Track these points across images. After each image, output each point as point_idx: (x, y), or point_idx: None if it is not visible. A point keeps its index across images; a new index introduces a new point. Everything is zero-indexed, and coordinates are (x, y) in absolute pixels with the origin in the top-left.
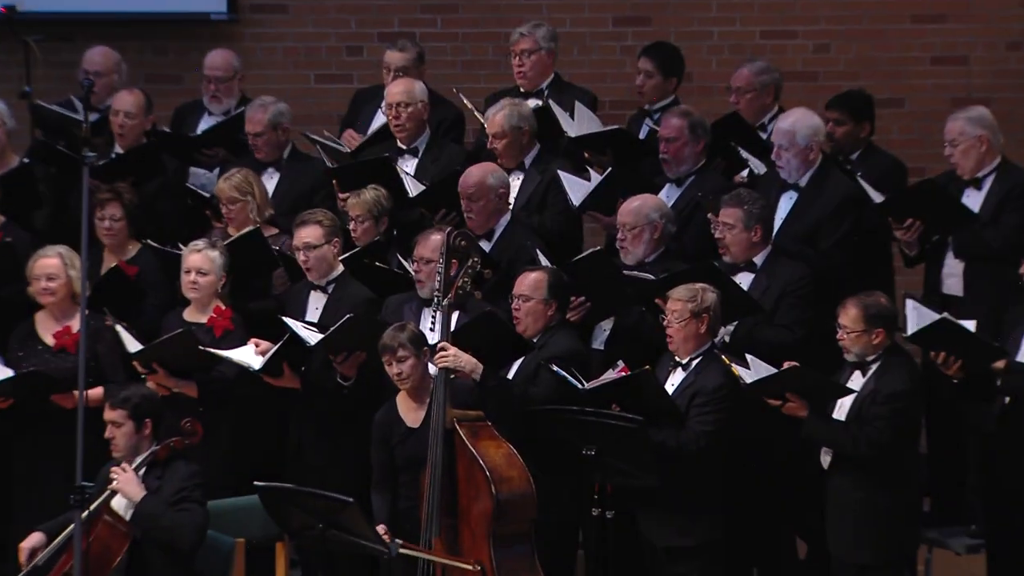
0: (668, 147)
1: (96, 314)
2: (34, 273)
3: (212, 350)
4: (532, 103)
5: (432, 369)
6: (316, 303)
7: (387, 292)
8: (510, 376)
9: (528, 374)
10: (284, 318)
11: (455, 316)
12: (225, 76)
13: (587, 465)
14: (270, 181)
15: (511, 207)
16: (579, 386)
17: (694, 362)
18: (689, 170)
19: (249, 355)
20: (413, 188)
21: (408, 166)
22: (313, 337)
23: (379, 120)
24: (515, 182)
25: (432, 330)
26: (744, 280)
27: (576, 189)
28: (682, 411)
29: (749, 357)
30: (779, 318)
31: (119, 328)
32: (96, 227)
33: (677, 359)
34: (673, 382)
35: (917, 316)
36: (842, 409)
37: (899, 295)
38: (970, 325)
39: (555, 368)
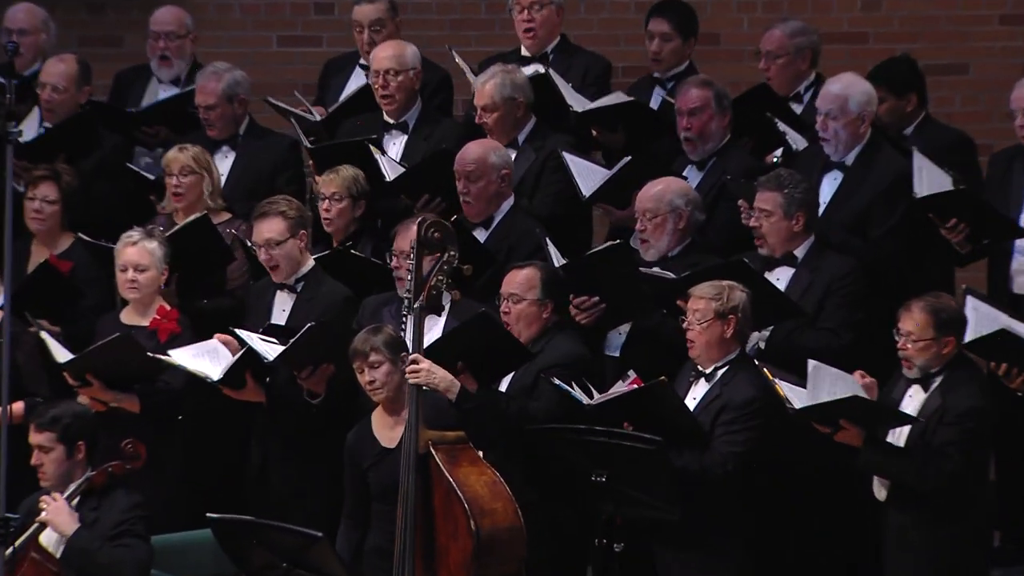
0: (692, 121)
1: (14, 318)
2: None
3: (161, 356)
4: (531, 70)
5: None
6: (283, 304)
7: (368, 289)
8: (503, 388)
9: (524, 386)
10: (238, 331)
11: (441, 321)
12: (177, 32)
13: (596, 493)
14: (224, 161)
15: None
16: (584, 401)
17: (719, 372)
18: (713, 148)
19: (206, 363)
20: (391, 172)
21: (395, 144)
22: (272, 350)
23: (354, 83)
24: None
25: (403, 332)
26: (783, 276)
27: (586, 176)
28: (706, 429)
29: (812, 369)
30: (823, 320)
31: (44, 335)
32: (24, 210)
33: (700, 368)
34: (695, 395)
35: (977, 319)
36: (901, 431)
37: (958, 293)
38: None
39: (556, 381)
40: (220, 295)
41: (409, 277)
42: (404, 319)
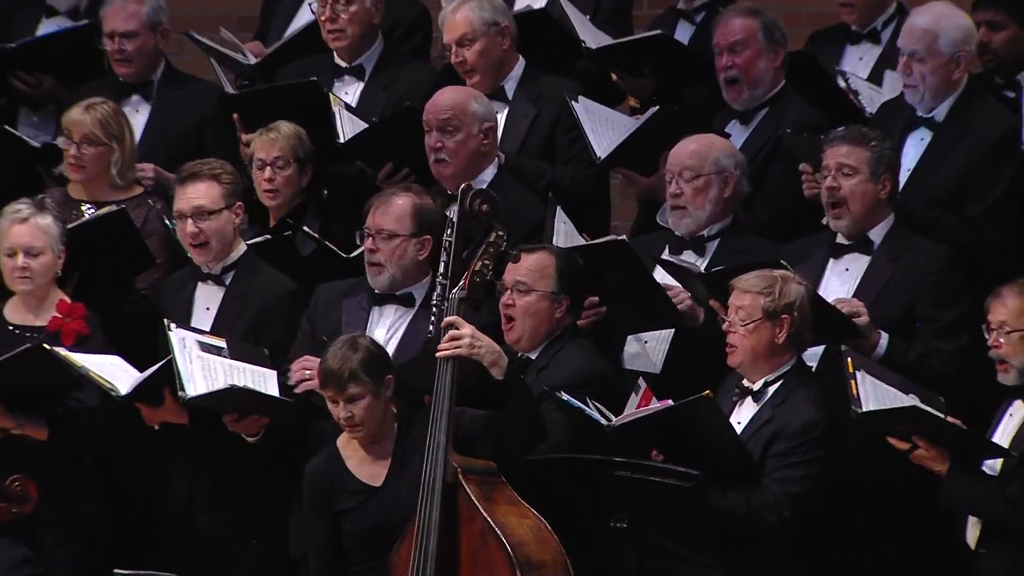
0: (734, 59)
1: None
2: None
3: (68, 354)
4: (523, 3)
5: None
6: (207, 301)
7: (312, 277)
8: None
9: None
10: (172, 328)
11: (398, 317)
12: None
13: (615, 542)
14: (137, 116)
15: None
16: (604, 422)
17: (770, 389)
18: (763, 96)
19: (116, 370)
20: (349, 129)
21: (348, 93)
22: (207, 370)
23: (302, 18)
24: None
25: (429, 335)
26: (854, 266)
27: (600, 131)
28: (755, 461)
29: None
30: (926, 335)
31: None
32: None
33: (745, 384)
34: (740, 419)
35: None
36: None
37: None
38: None
39: (565, 396)
40: (126, 297)
41: (444, 258)
42: (435, 312)
